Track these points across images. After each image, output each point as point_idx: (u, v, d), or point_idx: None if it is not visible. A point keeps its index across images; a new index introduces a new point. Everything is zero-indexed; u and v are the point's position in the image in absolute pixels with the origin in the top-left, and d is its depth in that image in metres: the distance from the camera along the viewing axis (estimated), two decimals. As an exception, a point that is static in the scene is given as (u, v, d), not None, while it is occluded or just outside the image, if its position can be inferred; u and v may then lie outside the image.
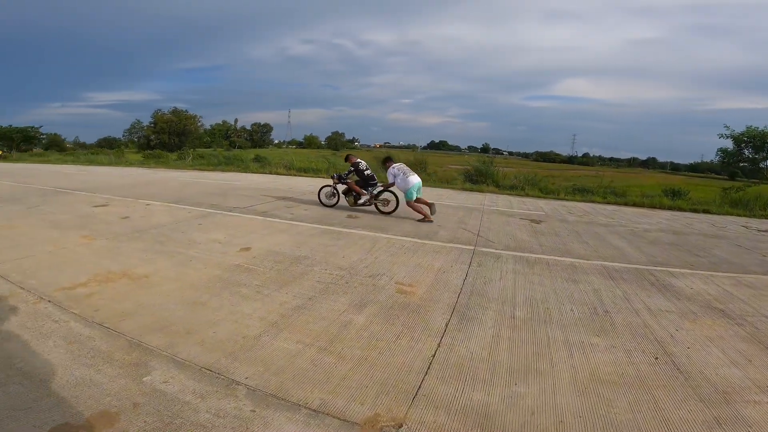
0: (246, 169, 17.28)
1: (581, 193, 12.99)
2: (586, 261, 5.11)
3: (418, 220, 6.98)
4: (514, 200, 11.12)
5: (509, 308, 3.48)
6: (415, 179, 7.07)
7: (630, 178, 34.73)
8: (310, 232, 5.78)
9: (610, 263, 5.07)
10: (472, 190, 12.78)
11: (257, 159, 22.70)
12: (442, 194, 11.21)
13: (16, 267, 4.01)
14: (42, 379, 2.20)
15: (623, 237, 6.82)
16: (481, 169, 14.84)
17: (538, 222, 7.76)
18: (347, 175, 7.70)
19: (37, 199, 8.61)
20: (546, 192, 12.88)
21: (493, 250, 5.36)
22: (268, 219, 6.59)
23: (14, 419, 1.88)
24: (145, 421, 1.91)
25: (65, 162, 27.66)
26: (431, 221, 6.95)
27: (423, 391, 2.27)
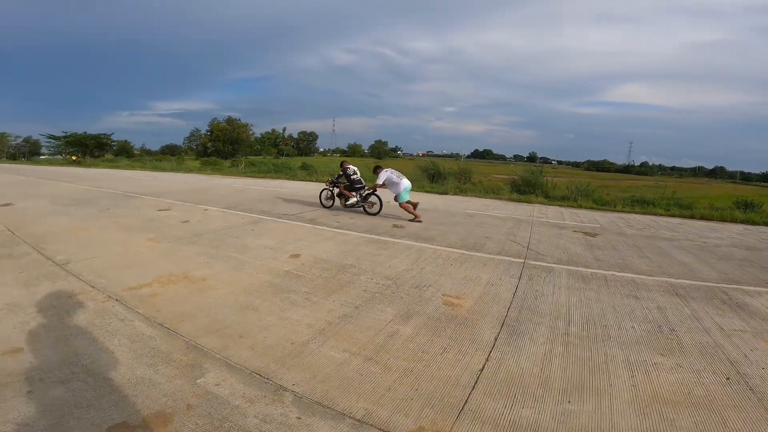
0: (294, 177, 17.87)
1: (641, 204, 12.16)
2: (648, 277, 4.79)
3: (410, 220, 7.59)
4: (566, 212, 10.61)
5: (563, 324, 3.34)
6: (406, 182, 7.72)
7: (695, 188, 32.21)
8: (356, 240, 5.83)
9: (676, 280, 4.72)
10: (519, 200, 12.35)
11: (304, 167, 23.39)
12: (489, 204, 10.94)
13: (88, 266, 4.36)
14: (105, 377, 2.33)
15: (690, 252, 6.31)
16: (529, 179, 14.32)
17: (593, 235, 7.34)
18: (338, 179, 8.56)
19: (108, 203, 9.39)
20: (601, 203, 12.18)
21: (545, 264, 5.13)
22: (315, 226, 6.73)
23: (75, 417, 1.99)
24: (196, 424, 1.97)
25: (133, 168, 30.07)
26: (421, 221, 7.58)
27: (470, 406, 2.21)
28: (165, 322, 3.05)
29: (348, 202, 8.38)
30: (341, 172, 8.43)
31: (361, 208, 8.44)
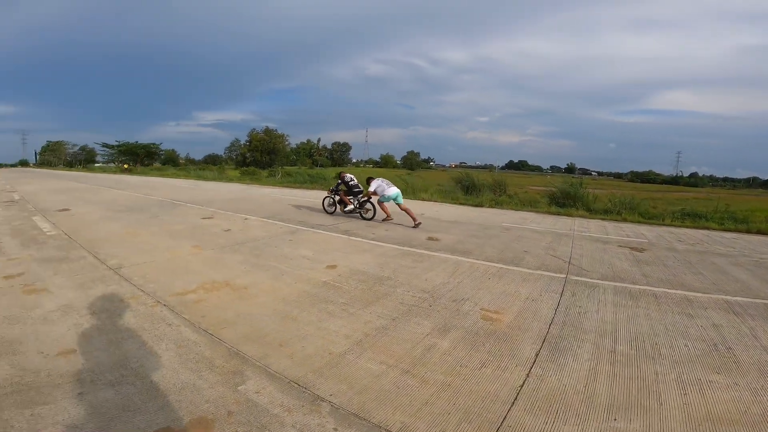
0: (328, 187, 18.11)
1: (691, 218, 11.42)
2: (702, 294, 4.52)
3: (383, 220, 8.66)
4: (609, 225, 10.14)
5: (609, 341, 3.22)
6: (393, 190, 8.59)
7: (750, 201, 29.91)
8: (392, 252, 5.82)
9: (733, 297, 4.44)
10: (558, 213, 11.93)
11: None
12: (526, 218, 10.65)
13: (139, 271, 4.60)
14: (152, 381, 2.41)
15: (747, 269, 5.88)
16: (569, 191, 13.81)
17: (641, 250, 6.96)
18: (337, 186, 9.27)
19: (157, 210, 9.93)
20: (647, 217, 11.54)
21: (589, 280, 4.93)
22: (351, 238, 6.78)
23: (122, 420, 2.05)
24: (236, 431, 2.00)
25: (178, 176, 31.70)
26: (391, 220, 8.65)
27: (509, 422, 2.16)
28: (209, 329, 3.14)
29: (346, 209, 9.11)
30: (339, 181, 9.16)
31: (358, 214, 9.14)
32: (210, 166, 50.99)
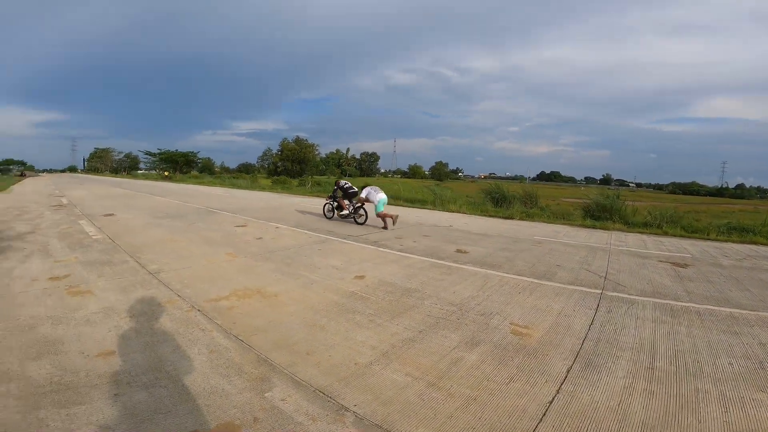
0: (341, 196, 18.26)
1: (738, 232, 10.71)
2: (750, 312, 4.29)
3: (382, 227, 9.07)
4: (649, 240, 9.68)
5: (647, 358, 3.12)
6: (381, 195, 9.38)
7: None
8: (419, 264, 5.79)
9: None
10: (594, 227, 11.48)
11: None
12: (559, 231, 10.32)
13: (177, 276, 4.78)
14: (184, 384, 2.48)
15: (801, 287, 5.46)
16: (605, 203, 13.26)
17: (684, 266, 6.60)
18: (335, 192, 10.13)
19: (194, 217, 10.33)
20: (690, 231, 10.91)
21: (626, 295, 4.73)
22: (379, 249, 6.80)
23: (153, 422, 2.11)
24: (261, 437, 2.02)
25: (214, 184, 32.87)
26: (386, 229, 8.96)
27: None
28: (240, 335, 3.21)
29: (341, 213, 9.95)
30: (336, 187, 10.11)
31: (353, 219, 9.91)
32: (243, 174, 52.67)
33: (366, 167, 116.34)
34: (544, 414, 2.33)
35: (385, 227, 9.05)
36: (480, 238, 8.28)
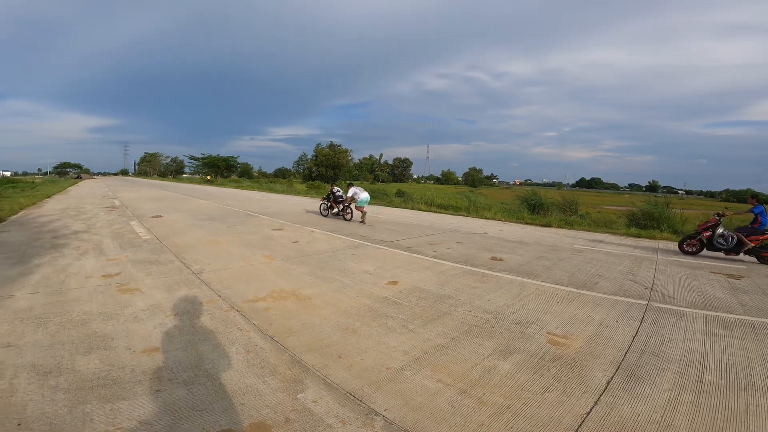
0: (390, 203, 18.34)
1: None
2: None
3: (360, 220, 11.09)
4: (700, 252, 9.07)
5: (695, 371, 2.99)
6: (364, 195, 11.11)
7: None
8: (453, 271, 5.71)
9: None
10: (639, 236, 10.90)
11: (399, 193, 23.90)
12: (600, 240, 9.88)
13: (217, 276, 4.97)
14: (221, 383, 2.55)
15: None
16: (651, 211, 12.54)
17: (738, 277, 6.14)
18: (328, 196, 12.38)
19: (234, 220, 10.72)
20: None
21: (674, 307, 4.50)
22: (412, 255, 6.77)
23: (190, 419, 2.18)
24: (291, 438, 2.05)
25: (252, 188, 33.99)
26: (364, 222, 10.90)
27: None
28: (275, 336, 3.29)
29: (333, 211, 12.17)
30: (329, 193, 12.34)
31: (342, 216, 11.77)
32: (279, 179, 54.17)
33: (399, 173, 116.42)
34: (580, 425, 2.27)
35: (363, 221, 11.04)
36: (516, 246, 8.08)
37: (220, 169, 62.02)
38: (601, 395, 2.59)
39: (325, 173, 65.31)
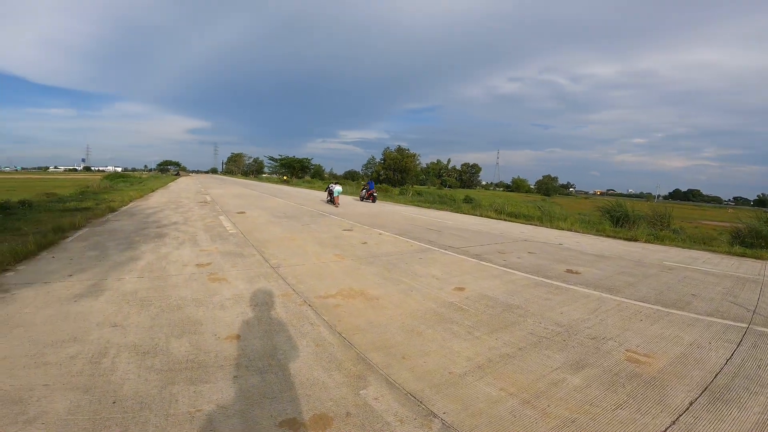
0: (458, 209, 17.98)
1: None
2: None
3: (336, 206, 16.29)
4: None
5: None
6: (338, 187, 17.28)
7: None
8: (523, 282, 5.49)
9: None
10: (743, 255, 9.54)
11: (467, 200, 23.39)
12: (696, 257, 8.81)
13: (293, 272, 5.30)
14: (291, 373, 2.71)
15: None
16: (760, 228, 10.87)
17: None
18: (327, 190, 18.12)
19: (308, 219, 11.35)
20: None
21: (782, 332, 3.97)
22: (481, 262, 6.63)
23: (260, 406, 2.32)
24: (351, 432, 2.13)
25: (323, 189, 35.46)
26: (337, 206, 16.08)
27: None
28: (343, 332, 3.43)
29: (327, 200, 17.93)
30: (328, 187, 18.29)
31: (331, 203, 17.15)
32: (349, 181, 55.82)
33: (467, 179, 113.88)
34: (654, 443, 2.11)
35: (337, 205, 16.65)
36: (595, 260, 7.52)
37: (295, 170, 65.69)
38: (680, 415, 2.45)
39: (392, 177, 65.98)
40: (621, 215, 13.72)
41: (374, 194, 21.43)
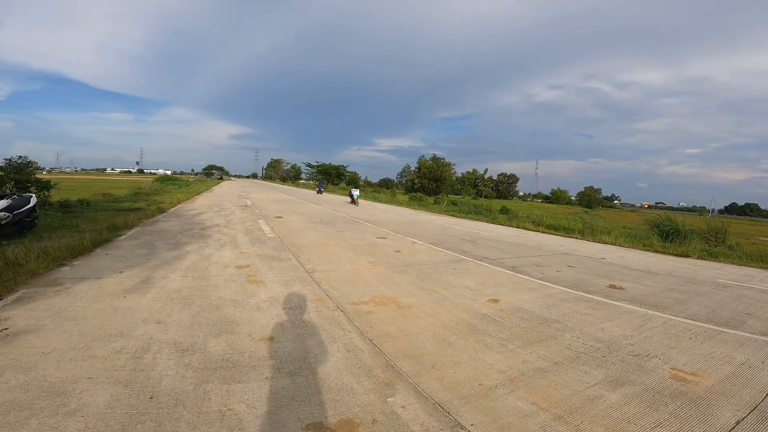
0: (493, 220, 17.60)
1: None
2: None
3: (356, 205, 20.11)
4: None
5: None
6: (356, 192, 23.99)
7: None
8: (561, 296, 5.29)
9: None
10: (812, 277, 8.71)
11: (504, 210, 22.87)
12: (753, 275, 8.13)
13: (326, 277, 5.39)
14: (320, 377, 2.73)
15: None
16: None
17: None
18: (349, 194, 24.48)
19: (342, 225, 11.51)
20: None
21: None
22: (516, 275, 6.45)
23: (289, 408, 2.36)
24: (377, 439, 2.12)
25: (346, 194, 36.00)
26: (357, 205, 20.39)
27: None
28: (373, 339, 3.44)
29: (349, 201, 22.33)
30: (349, 192, 25.29)
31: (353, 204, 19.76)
32: (383, 189, 56.22)
33: (503, 189, 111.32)
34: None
35: (357, 204, 20.96)
36: (640, 275, 7.12)
37: (332, 177, 66.90)
38: (724, 435, 2.30)
39: (427, 185, 65.72)
40: (671, 229, 12.92)
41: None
